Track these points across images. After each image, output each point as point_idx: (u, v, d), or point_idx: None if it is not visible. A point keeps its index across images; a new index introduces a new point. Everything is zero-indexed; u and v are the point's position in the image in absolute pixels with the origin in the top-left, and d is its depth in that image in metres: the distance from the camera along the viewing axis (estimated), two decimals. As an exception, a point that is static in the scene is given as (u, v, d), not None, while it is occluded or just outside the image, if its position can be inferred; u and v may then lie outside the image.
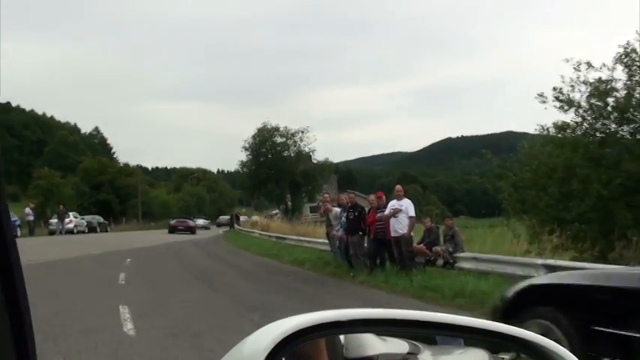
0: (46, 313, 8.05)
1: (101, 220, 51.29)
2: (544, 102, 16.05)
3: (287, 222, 36.84)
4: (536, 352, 1.16)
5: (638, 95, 14.91)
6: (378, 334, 1.25)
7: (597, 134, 15.74)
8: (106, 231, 49.19)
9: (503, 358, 1.27)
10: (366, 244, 14.95)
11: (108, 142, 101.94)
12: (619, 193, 14.57)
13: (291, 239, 26.55)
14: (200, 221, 60.55)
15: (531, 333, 1.20)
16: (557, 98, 15.81)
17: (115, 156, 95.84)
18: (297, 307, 9.97)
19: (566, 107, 15.75)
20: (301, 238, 25.42)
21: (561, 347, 1.18)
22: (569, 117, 15.93)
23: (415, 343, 1.26)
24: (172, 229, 47.21)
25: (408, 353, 1.23)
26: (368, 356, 1.22)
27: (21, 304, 0.94)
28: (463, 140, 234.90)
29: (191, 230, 47.49)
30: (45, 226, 42.48)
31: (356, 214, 15.08)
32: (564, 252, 13.78)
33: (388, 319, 1.12)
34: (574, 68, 15.39)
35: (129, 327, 7.67)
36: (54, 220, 41.41)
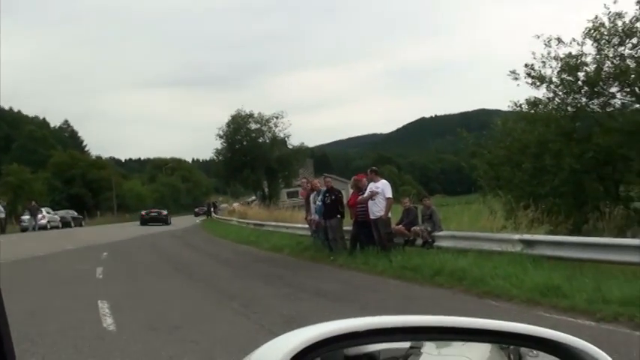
0: (22, 312, 7.92)
1: (75, 214, 50.65)
2: (516, 79, 16.17)
3: (265, 208, 36.72)
4: (562, 351, 1.12)
5: (607, 69, 15.05)
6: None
7: (569, 109, 15.90)
8: (81, 225, 48.61)
9: (502, 347, 1.24)
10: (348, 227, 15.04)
11: (78, 135, 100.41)
12: (591, 166, 14.76)
13: (269, 225, 26.47)
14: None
15: (558, 332, 1.16)
16: (528, 74, 15.92)
17: (86, 149, 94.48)
18: (277, 292, 9.95)
19: (537, 83, 15.86)
20: (279, 223, 25.36)
21: (592, 346, 1.14)
22: (541, 93, 16.07)
23: None
24: (144, 222, 46.85)
25: (411, 347, 1.19)
26: (369, 352, 1.17)
27: None
28: (436, 120, 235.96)
29: (164, 221, 47.15)
30: (17, 223, 41.78)
31: (333, 197, 15.08)
32: (539, 226, 13.93)
33: (407, 327, 1.07)
34: (545, 44, 15.51)
35: (108, 322, 7.57)
36: (26, 217, 40.73)
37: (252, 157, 46.47)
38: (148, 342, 6.40)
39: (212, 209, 54.23)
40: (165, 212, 50.23)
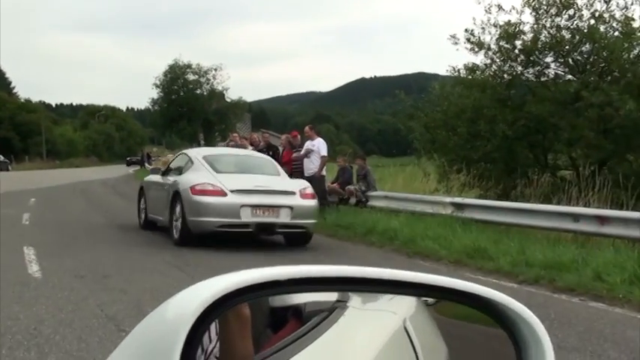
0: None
1: (1, 158, 48.81)
2: (456, 43, 16.28)
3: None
4: (485, 305, 1.14)
5: (543, 38, 15.35)
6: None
7: (505, 76, 16.18)
8: (7, 170, 46.94)
9: (427, 301, 1.26)
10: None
11: (6, 76, 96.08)
12: (522, 134, 15.13)
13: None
14: None
15: (485, 288, 1.17)
16: (468, 40, 16.06)
17: (14, 91, 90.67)
18: (210, 245, 9.89)
19: (476, 49, 16.03)
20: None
21: (515, 301, 1.16)
22: (479, 59, 16.28)
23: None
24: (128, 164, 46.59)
25: (337, 301, 1.19)
26: (295, 304, 1.16)
27: None
28: (376, 81, 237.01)
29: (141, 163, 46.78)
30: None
31: (270, 153, 15.01)
32: (470, 190, 14.32)
33: (331, 278, 1.03)
34: (485, 10, 15.63)
35: (34, 269, 7.38)
36: (-52, 158, 39.03)
37: (189, 108, 45.65)
38: (75, 289, 6.28)
39: (146, 160, 53.24)
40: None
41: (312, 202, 10.18)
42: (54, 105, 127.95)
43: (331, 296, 1.19)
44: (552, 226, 9.31)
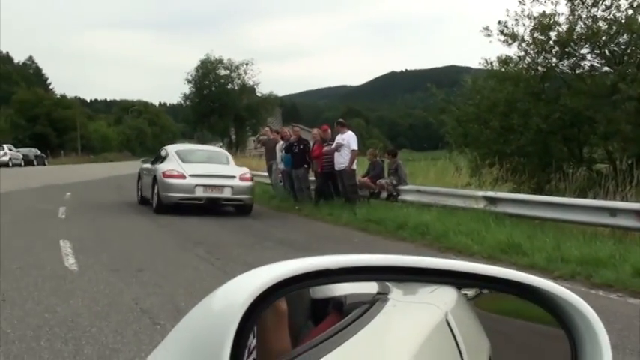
0: (-18, 249, 7.79)
1: (38, 153, 49.78)
2: (489, 36, 16.07)
3: (231, 156, 36.46)
4: (539, 296, 1.12)
5: (579, 29, 15.07)
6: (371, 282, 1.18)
7: (539, 68, 15.93)
8: (44, 164, 47.82)
9: (466, 294, 1.24)
10: (312, 178, 15.09)
11: (43, 72, 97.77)
12: (557, 127, 14.90)
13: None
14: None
15: (538, 278, 1.15)
16: (501, 32, 15.85)
17: (51, 87, 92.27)
18: (241, 240, 9.97)
19: (509, 41, 15.82)
20: (246, 171, 25.23)
21: (573, 294, 1.13)
22: (513, 51, 16.05)
23: (384, 282, 1.20)
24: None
25: (378, 293, 1.18)
26: (336, 296, 1.15)
27: None
28: (407, 74, 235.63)
29: None
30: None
31: (301, 147, 15.07)
32: (503, 184, 14.14)
33: (381, 267, 1.03)
34: (519, 2, 15.39)
35: (70, 262, 7.51)
36: (-13, 154, 39.91)
37: (221, 103, 45.97)
38: (110, 283, 6.37)
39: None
40: None
41: (248, 183, 13.92)
42: (89, 100, 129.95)
43: (371, 288, 1.18)
44: (588, 220, 9.13)
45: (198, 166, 13.92)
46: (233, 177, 13.68)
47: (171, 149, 15.29)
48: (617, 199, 10.04)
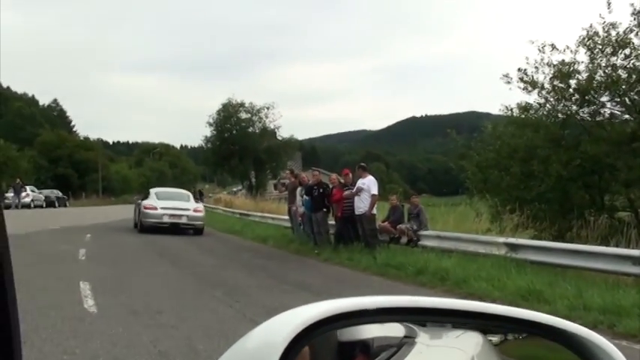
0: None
1: (59, 194, 50.31)
2: (509, 82, 16.16)
3: (251, 199, 36.65)
4: (566, 339, 1.13)
5: (599, 78, 15.10)
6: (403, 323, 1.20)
7: (559, 115, 15.94)
8: (65, 206, 48.30)
9: (492, 339, 1.25)
10: (333, 222, 15.12)
11: (67, 115, 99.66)
12: (577, 174, 14.82)
13: (255, 216, 26.44)
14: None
15: (564, 321, 1.17)
16: (521, 79, 15.93)
17: (74, 129, 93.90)
18: (260, 283, 9.95)
19: (529, 88, 15.88)
20: (265, 214, 25.33)
21: (597, 335, 1.13)
22: (533, 98, 16.10)
23: (411, 326, 1.21)
24: None
25: (405, 337, 1.19)
26: (363, 339, 1.17)
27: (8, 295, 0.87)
28: (427, 119, 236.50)
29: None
30: (0, 200, 41.46)
31: (320, 190, 15.11)
32: (524, 230, 14.01)
33: (413, 308, 1.07)
34: (538, 50, 15.50)
35: (90, 304, 7.54)
36: (10, 194, 40.43)
37: (241, 146, 46.33)
38: (128, 325, 6.37)
39: (199, 197, 54.05)
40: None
41: (200, 214, 21.02)
42: (111, 142, 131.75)
43: (399, 332, 1.19)
44: (611, 269, 8.99)
45: (167, 202, 20.65)
46: (189, 209, 20.72)
47: (152, 190, 22.30)
48: (640, 248, 9.90)
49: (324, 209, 15.06)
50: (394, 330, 1.19)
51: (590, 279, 9.25)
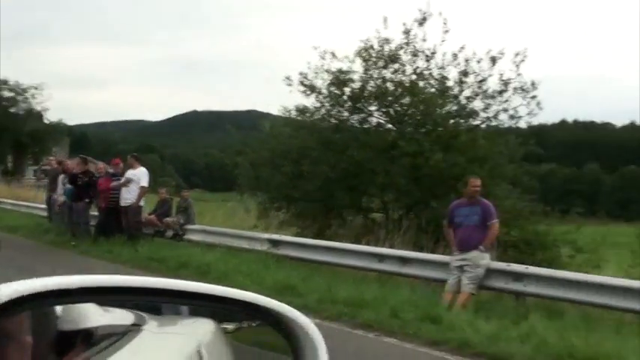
0: None
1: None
2: (290, 85, 16.58)
3: (5, 184, 33.50)
4: (273, 319, 1.16)
5: (370, 88, 16.11)
6: (108, 303, 1.15)
7: (332, 120, 16.73)
8: None
9: (227, 327, 1.27)
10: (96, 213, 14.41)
11: None
12: (342, 176, 15.69)
13: (6, 203, 24.25)
14: None
15: (267, 299, 1.20)
16: (301, 82, 16.44)
17: None
18: (2, 276, 9.04)
19: (308, 92, 16.42)
20: (19, 202, 23.38)
21: (300, 313, 1.17)
22: (311, 102, 16.71)
23: (140, 313, 1.19)
24: None
25: (133, 324, 1.15)
26: (86, 328, 1.10)
27: None
28: (209, 114, 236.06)
29: None
30: None
31: (86, 180, 14.26)
32: (289, 228, 14.53)
33: (125, 287, 1.04)
34: (320, 56, 16.12)
35: None
36: None
37: (1, 127, 42.25)
38: None
39: None
40: None
41: None
42: None
43: (126, 319, 1.17)
44: (360, 265, 9.67)
45: None
46: None
47: None
48: (386, 246, 10.77)
49: (87, 199, 14.24)
50: (122, 317, 1.16)
51: (342, 274, 9.86)
